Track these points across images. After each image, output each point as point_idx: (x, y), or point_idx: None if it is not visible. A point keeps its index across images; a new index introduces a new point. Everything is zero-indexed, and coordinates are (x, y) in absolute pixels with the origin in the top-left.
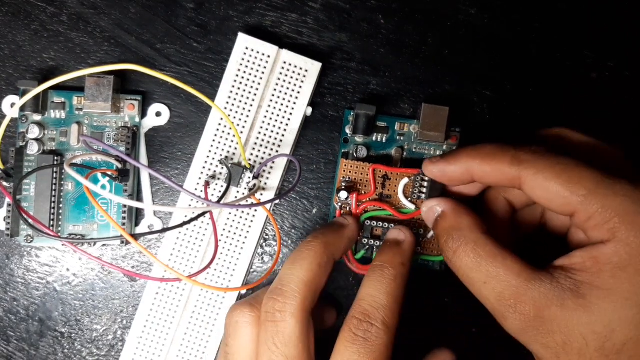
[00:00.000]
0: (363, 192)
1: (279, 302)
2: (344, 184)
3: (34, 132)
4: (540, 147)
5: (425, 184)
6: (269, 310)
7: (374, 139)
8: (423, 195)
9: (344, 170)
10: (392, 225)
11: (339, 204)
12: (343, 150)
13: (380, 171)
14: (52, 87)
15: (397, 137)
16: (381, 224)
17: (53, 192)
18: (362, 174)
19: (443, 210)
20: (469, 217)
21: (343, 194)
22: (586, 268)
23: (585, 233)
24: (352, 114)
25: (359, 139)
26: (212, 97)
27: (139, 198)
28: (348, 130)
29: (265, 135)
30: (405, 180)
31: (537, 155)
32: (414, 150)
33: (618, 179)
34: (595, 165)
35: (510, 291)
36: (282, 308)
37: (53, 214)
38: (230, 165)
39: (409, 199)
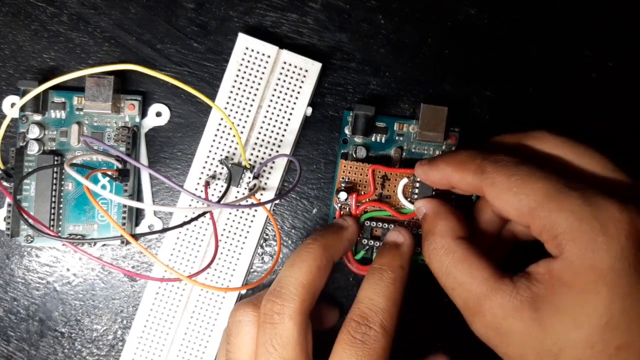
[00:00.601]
0: (362, 193)
1: (278, 304)
2: (343, 185)
3: (34, 132)
4: (506, 157)
5: (417, 184)
6: (268, 312)
7: (373, 139)
8: (416, 196)
9: (343, 171)
10: (392, 226)
11: (339, 205)
12: (342, 151)
13: (379, 172)
14: (52, 87)
15: (397, 138)
16: (381, 224)
17: (53, 192)
18: (361, 174)
19: (425, 212)
20: (444, 221)
21: (342, 195)
22: (544, 280)
23: (544, 245)
24: (351, 114)
25: (358, 139)
26: (212, 97)
27: (139, 198)
28: (347, 131)
29: (265, 135)
30: (405, 180)
31: (499, 165)
32: (413, 150)
33: (569, 192)
34: (566, 171)
35: (473, 300)
36: (281, 310)
37: (53, 214)
38: (230, 165)
39: (409, 199)
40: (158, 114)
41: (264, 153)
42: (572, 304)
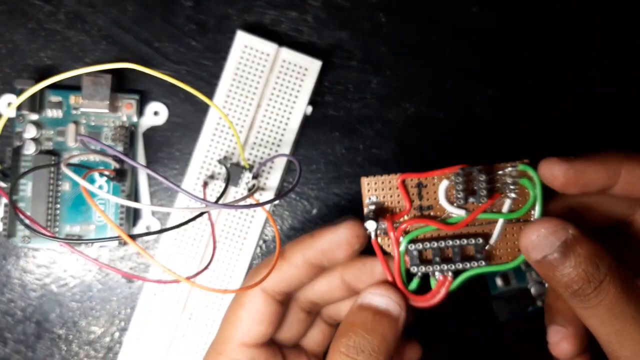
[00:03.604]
0: (398, 211)
1: None
2: (371, 206)
3: (31, 131)
4: None
5: (460, 186)
6: None
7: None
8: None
9: (368, 190)
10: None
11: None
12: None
13: (411, 180)
14: (49, 86)
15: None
16: (428, 244)
17: (50, 193)
18: (390, 188)
19: (574, 233)
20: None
21: (371, 225)
22: None
23: None
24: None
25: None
26: (211, 96)
27: (137, 198)
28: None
29: (264, 134)
30: (445, 182)
31: None
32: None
33: None
34: None
35: None
36: None
37: (50, 214)
38: (229, 165)
39: (455, 204)
40: (156, 113)
41: (263, 153)
42: None
